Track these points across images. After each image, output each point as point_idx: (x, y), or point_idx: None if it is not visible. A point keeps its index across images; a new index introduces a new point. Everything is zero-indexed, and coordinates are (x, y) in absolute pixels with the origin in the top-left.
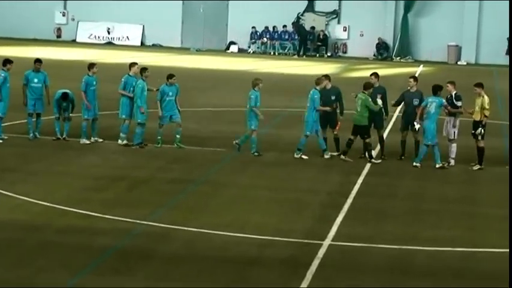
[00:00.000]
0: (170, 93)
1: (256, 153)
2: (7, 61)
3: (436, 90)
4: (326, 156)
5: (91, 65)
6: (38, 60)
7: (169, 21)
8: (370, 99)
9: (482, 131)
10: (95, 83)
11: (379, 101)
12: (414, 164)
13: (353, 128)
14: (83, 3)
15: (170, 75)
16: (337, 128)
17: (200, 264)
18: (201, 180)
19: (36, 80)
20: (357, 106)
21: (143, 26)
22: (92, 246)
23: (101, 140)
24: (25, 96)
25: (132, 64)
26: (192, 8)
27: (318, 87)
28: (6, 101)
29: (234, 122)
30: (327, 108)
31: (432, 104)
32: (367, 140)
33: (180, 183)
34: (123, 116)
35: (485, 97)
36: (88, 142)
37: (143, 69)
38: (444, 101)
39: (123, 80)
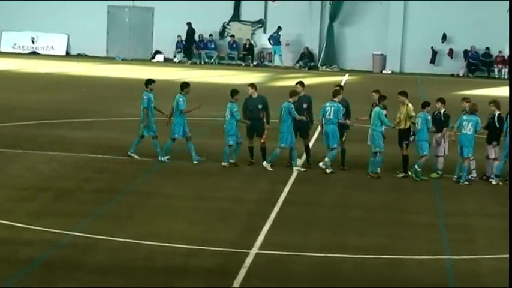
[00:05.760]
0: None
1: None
2: None
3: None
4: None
5: (149, 81)
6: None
7: (94, 31)
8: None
9: (414, 138)
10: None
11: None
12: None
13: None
14: (6, 12)
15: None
16: (263, 137)
17: (126, 275)
18: (127, 190)
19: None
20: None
21: (68, 36)
22: (17, 258)
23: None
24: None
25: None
26: (117, 17)
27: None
28: None
29: (160, 132)
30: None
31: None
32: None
33: (106, 193)
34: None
35: (410, 105)
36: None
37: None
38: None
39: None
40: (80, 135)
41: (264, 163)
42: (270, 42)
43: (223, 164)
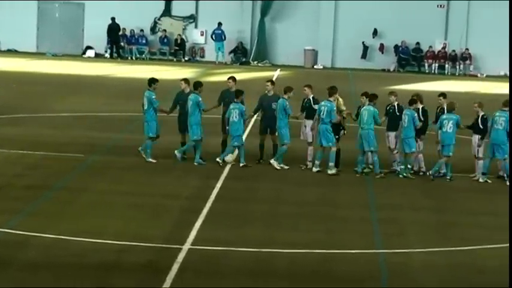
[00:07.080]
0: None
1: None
2: None
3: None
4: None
5: (153, 80)
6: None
7: (24, 26)
8: None
9: (345, 132)
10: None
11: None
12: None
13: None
14: None
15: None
16: None
17: (58, 272)
18: (58, 186)
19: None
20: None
21: None
22: None
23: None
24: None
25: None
26: (47, 13)
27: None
28: None
29: (91, 128)
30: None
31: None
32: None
33: (37, 190)
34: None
35: (340, 99)
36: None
37: None
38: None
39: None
40: (10, 132)
41: (276, 164)
42: (213, 39)
43: (241, 164)
